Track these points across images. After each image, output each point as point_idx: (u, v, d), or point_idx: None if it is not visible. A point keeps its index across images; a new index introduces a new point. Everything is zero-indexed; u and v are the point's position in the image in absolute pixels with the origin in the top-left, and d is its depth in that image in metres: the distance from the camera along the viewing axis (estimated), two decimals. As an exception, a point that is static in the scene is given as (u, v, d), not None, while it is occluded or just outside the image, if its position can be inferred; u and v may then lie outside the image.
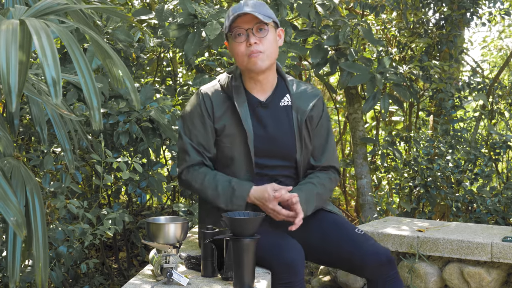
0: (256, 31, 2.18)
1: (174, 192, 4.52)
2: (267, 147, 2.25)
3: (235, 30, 2.19)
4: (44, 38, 1.41)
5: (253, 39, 2.17)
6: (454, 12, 4.54)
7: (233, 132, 2.24)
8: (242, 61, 2.21)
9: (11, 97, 1.34)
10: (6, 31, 1.40)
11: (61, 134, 2.15)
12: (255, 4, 2.21)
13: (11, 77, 1.35)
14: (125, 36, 3.22)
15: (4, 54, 1.36)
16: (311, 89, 2.37)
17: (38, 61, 2.79)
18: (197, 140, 2.24)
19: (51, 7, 1.65)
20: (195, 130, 2.24)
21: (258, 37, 2.18)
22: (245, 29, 2.18)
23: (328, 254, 2.27)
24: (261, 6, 2.21)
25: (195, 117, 2.26)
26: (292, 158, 2.29)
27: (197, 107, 2.26)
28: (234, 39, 2.20)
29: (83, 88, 1.50)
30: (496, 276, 2.78)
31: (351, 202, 5.69)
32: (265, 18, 2.18)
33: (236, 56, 2.22)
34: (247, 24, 2.18)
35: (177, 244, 1.94)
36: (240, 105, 2.23)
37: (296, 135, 2.27)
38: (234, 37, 2.20)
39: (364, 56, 4.17)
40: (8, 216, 1.54)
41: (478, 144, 4.33)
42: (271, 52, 2.22)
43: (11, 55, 1.37)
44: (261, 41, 2.18)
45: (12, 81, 1.35)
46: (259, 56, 2.18)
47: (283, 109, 2.29)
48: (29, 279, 2.47)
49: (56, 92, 1.39)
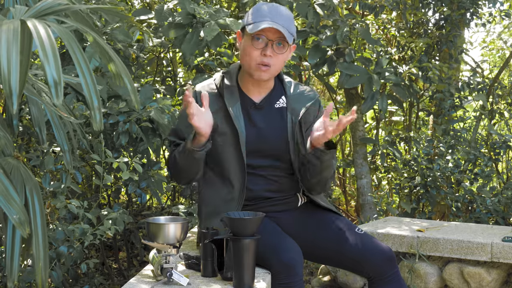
0: (275, 45, 2.16)
1: (174, 192, 4.52)
2: (259, 148, 2.25)
3: (258, 33, 2.15)
4: (45, 39, 1.41)
5: (269, 52, 2.15)
6: (454, 12, 4.54)
7: (225, 131, 2.24)
8: (249, 64, 2.20)
9: (12, 99, 1.33)
10: (7, 31, 1.40)
11: (60, 135, 2.15)
12: (285, 18, 2.17)
13: (12, 78, 1.34)
14: (124, 36, 3.22)
15: (5, 55, 1.36)
16: (308, 92, 2.36)
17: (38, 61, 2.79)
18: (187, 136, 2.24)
19: (52, 8, 1.65)
20: (187, 128, 2.23)
21: (275, 52, 2.17)
22: (268, 39, 2.15)
23: (329, 253, 2.26)
24: (290, 21, 2.18)
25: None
26: (284, 158, 2.28)
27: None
28: (252, 41, 2.16)
29: (83, 88, 1.49)
30: (496, 276, 2.78)
31: (351, 202, 5.70)
32: (290, 37, 2.16)
33: (245, 56, 2.19)
34: (271, 35, 2.15)
35: (177, 244, 1.94)
36: (232, 105, 2.23)
37: (289, 136, 2.27)
38: (253, 39, 2.16)
39: (363, 56, 4.18)
40: (11, 214, 1.54)
41: (478, 144, 4.33)
42: (278, 68, 2.22)
43: (12, 56, 1.36)
44: (276, 56, 2.17)
45: (13, 82, 1.34)
46: (267, 70, 2.18)
47: (278, 111, 2.29)
48: (29, 279, 2.47)
49: (57, 92, 1.39)
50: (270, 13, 2.16)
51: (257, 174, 2.26)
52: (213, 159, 2.27)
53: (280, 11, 2.17)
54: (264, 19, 2.14)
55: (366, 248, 2.19)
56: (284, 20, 2.16)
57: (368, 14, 4.90)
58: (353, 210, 5.42)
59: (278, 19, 2.14)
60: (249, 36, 2.17)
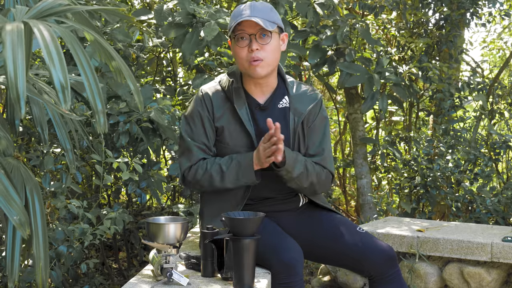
0: (259, 37, 2.16)
1: (174, 192, 4.53)
2: None
3: (238, 33, 2.17)
4: (50, 41, 1.40)
5: (255, 45, 2.16)
6: (454, 12, 4.54)
7: (232, 133, 2.24)
8: (242, 65, 2.21)
9: (19, 104, 1.32)
10: (11, 33, 1.39)
11: (61, 134, 2.15)
12: (261, 9, 2.18)
13: (19, 82, 1.33)
14: (124, 36, 3.22)
15: (11, 58, 1.34)
16: (311, 92, 2.35)
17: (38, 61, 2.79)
18: (199, 139, 2.24)
19: (53, 8, 1.64)
20: (197, 129, 2.24)
21: (261, 44, 2.17)
22: (249, 34, 2.17)
23: (330, 252, 2.26)
24: (267, 11, 2.19)
25: (196, 116, 2.26)
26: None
27: (198, 107, 2.27)
28: (237, 42, 2.19)
29: (87, 91, 1.48)
30: (496, 276, 2.78)
31: (351, 202, 5.70)
32: (270, 24, 2.16)
33: (238, 59, 2.21)
34: (251, 29, 2.16)
35: (177, 244, 1.94)
36: (240, 107, 2.23)
37: (291, 137, 2.27)
38: (237, 40, 2.18)
39: (363, 56, 4.18)
40: (11, 215, 1.54)
41: (478, 144, 4.34)
42: (272, 59, 2.21)
43: (18, 59, 1.35)
44: (263, 47, 2.17)
45: (20, 87, 1.32)
46: (260, 63, 2.17)
47: (281, 111, 2.29)
48: (29, 279, 2.47)
49: (65, 97, 1.37)
50: (244, 10, 2.17)
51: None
52: None
53: (254, 5, 2.19)
54: (239, 17, 2.16)
55: (366, 247, 2.19)
56: (259, 11, 2.17)
57: (368, 14, 4.90)
58: (353, 210, 5.42)
59: (253, 13, 2.15)
60: (234, 40, 2.19)
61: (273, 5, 3.50)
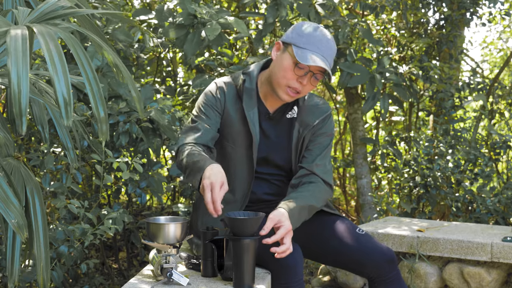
0: (314, 77, 2.14)
1: (174, 192, 4.53)
2: (265, 157, 2.26)
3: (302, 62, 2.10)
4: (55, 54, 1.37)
5: (306, 81, 2.12)
6: (454, 12, 4.55)
7: (238, 134, 2.24)
8: (279, 81, 2.15)
9: (21, 120, 1.31)
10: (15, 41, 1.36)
11: (63, 133, 2.15)
12: (332, 53, 2.14)
13: (22, 97, 1.30)
14: (125, 37, 3.22)
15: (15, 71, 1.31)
16: (322, 104, 2.33)
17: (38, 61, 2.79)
18: (205, 122, 2.22)
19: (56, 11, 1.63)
20: (207, 115, 2.23)
21: (311, 84, 2.15)
22: (310, 70, 2.12)
23: (329, 253, 2.26)
24: (332, 56, 2.16)
25: (207, 104, 2.24)
26: (286, 168, 2.29)
27: (210, 97, 2.26)
28: (294, 65, 2.11)
29: (90, 98, 1.46)
30: (496, 276, 2.78)
31: (351, 202, 5.70)
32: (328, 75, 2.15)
33: (280, 72, 2.14)
34: (316, 68, 2.12)
35: (177, 244, 1.94)
36: (249, 109, 2.22)
37: (293, 148, 2.27)
38: (296, 63, 2.11)
39: (364, 57, 4.18)
40: (9, 218, 1.54)
41: (478, 144, 4.34)
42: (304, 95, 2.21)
43: (22, 74, 1.32)
44: (309, 86, 2.16)
45: (23, 102, 1.30)
46: (295, 96, 2.17)
47: (288, 121, 2.28)
48: (29, 279, 2.47)
49: (67, 113, 1.36)
50: (321, 44, 2.11)
51: (260, 178, 2.28)
52: (221, 159, 2.27)
53: (330, 44, 2.13)
54: (315, 51, 2.09)
55: (366, 248, 2.19)
56: (331, 55, 2.14)
57: (368, 14, 4.90)
58: (353, 210, 5.42)
59: (326, 53, 2.11)
60: (293, 58, 2.12)
61: (275, 6, 3.50)
